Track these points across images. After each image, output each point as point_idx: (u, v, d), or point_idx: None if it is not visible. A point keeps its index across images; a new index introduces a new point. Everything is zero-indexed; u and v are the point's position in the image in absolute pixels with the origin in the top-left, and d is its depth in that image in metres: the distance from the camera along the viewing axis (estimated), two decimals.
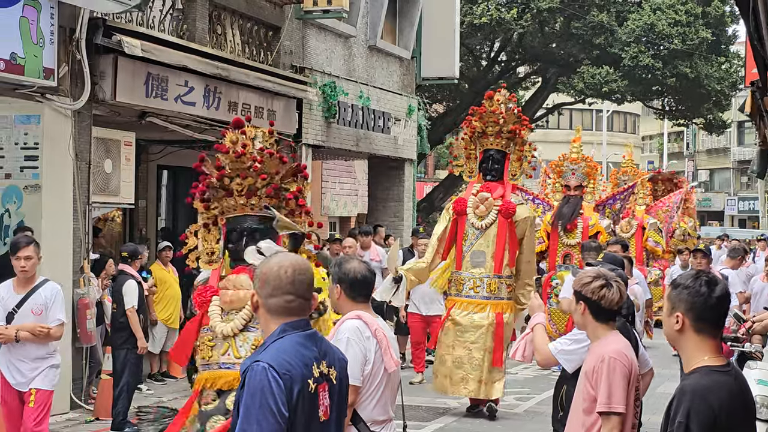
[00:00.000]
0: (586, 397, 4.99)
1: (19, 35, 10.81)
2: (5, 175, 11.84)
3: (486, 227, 11.13)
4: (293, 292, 3.68)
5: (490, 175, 11.40)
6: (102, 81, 12.25)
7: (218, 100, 14.43)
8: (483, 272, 11.11)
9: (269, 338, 3.64)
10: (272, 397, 3.42)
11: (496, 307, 11.05)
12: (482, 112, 11.46)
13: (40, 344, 8.68)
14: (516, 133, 11.43)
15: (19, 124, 11.72)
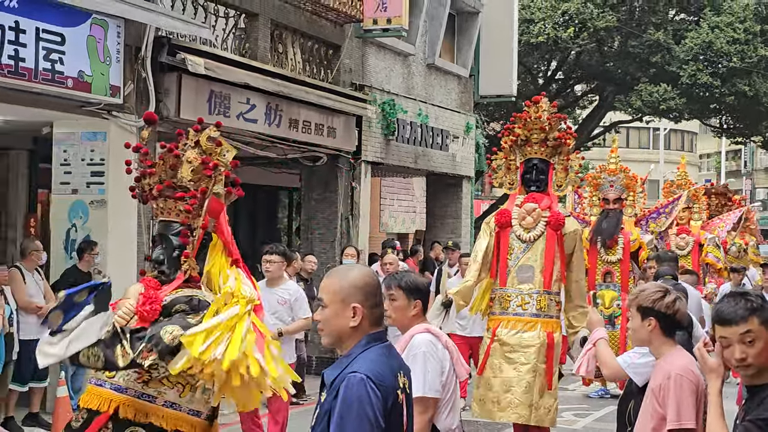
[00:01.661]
0: (654, 415, 4.94)
1: (87, 54, 11.00)
2: (72, 190, 12.04)
3: (534, 240, 10.35)
4: (381, 303, 3.78)
5: (535, 186, 10.58)
6: (166, 98, 12.44)
7: (279, 117, 14.57)
8: (532, 288, 10.30)
9: (356, 349, 3.64)
10: (370, 407, 3.44)
11: (547, 325, 10.26)
12: (526, 119, 10.71)
13: None
14: (562, 141, 10.76)
15: (86, 140, 11.92)
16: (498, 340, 10.26)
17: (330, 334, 3.68)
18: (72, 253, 11.81)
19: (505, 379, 10.10)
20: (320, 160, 16.58)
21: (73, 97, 11.04)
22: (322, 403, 3.64)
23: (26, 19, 10.19)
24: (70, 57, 10.77)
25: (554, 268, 10.32)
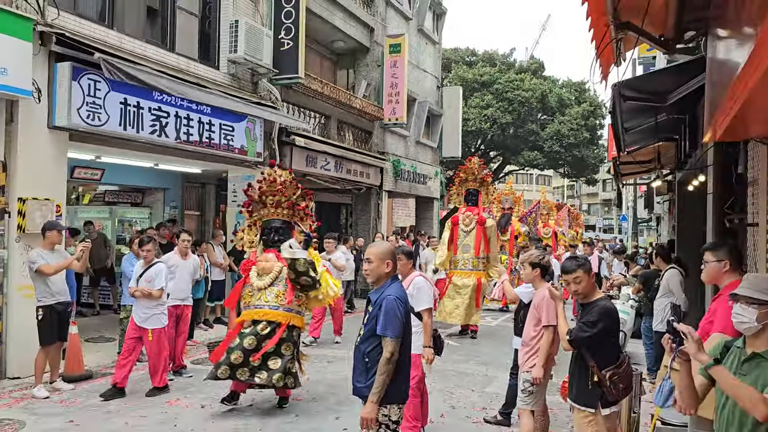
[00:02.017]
0: (533, 319, 4.89)
1: (245, 136, 11.09)
2: (237, 205, 12.03)
3: (470, 231, 10.99)
4: (396, 262, 3.81)
5: (471, 203, 11.26)
6: (284, 158, 12.40)
7: (342, 167, 14.60)
8: (469, 255, 10.95)
9: (386, 283, 3.66)
10: (399, 311, 3.52)
11: (477, 274, 10.84)
12: (465, 169, 11.50)
13: None
14: (484, 179, 11.44)
15: (244, 179, 11.81)
16: (452, 283, 10.95)
17: (373, 277, 3.71)
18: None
19: (454, 302, 10.76)
20: (362, 190, 16.65)
21: (238, 159, 11.11)
22: (370, 312, 3.65)
23: (215, 119, 10.26)
24: (237, 138, 10.84)
25: (480, 245, 10.89)
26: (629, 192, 36.60)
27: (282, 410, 6.35)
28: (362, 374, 3.60)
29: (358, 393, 3.64)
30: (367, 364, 3.57)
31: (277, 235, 6.50)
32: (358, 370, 3.65)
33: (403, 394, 3.63)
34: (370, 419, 3.47)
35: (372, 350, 3.55)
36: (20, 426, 5.65)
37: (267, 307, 6.22)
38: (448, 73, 30.77)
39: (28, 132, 7.46)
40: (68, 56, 7.78)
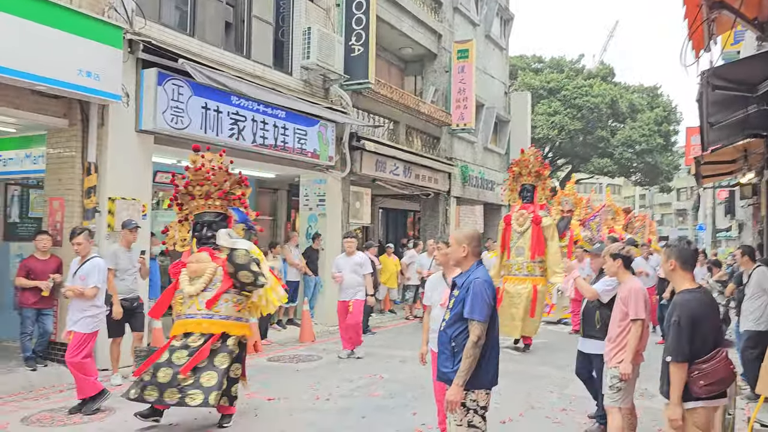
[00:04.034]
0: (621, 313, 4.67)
1: (317, 140, 11.28)
2: (309, 208, 12.30)
3: (524, 231, 9.83)
4: (480, 246, 3.74)
5: (526, 200, 10.11)
6: (354, 163, 12.54)
7: (410, 173, 14.63)
8: (523, 259, 9.79)
9: (473, 267, 3.62)
10: (486, 294, 3.48)
11: (534, 281, 9.68)
12: (519, 162, 10.39)
13: None
14: (540, 173, 10.26)
15: (316, 183, 12.15)
16: (506, 291, 9.76)
17: (454, 260, 3.71)
18: (308, 239, 12.10)
19: (510, 312, 9.62)
20: (430, 196, 16.62)
21: (310, 162, 11.29)
22: (456, 296, 3.60)
23: (289, 123, 10.48)
24: (309, 141, 11.04)
25: (536, 247, 9.75)
26: (707, 199, 35.06)
27: (364, 407, 6.34)
28: (449, 359, 3.55)
29: (445, 378, 3.59)
30: (453, 348, 3.52)
31: (209, 230, 5.64)
32: (443, 355, 3.61)
33: (491, 379, 3.58)
34: (455, 401, 3.43)
35: (459, 334, 3.51)
36: (111, 412, 5.91)
37: (200, 316, 5.37)
38: (514, 81, 30.43)
39: (117, 135, 7.84)
40: (154, 63, 8.14)
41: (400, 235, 18.70)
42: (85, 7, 7.34)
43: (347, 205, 12.71)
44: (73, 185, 7.68)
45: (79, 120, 7.66)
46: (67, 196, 7.70)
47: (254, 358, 8.71)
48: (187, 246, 5.82)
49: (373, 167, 13.18)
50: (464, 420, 3.48)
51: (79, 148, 7.68)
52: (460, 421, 3.48)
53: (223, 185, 5.76)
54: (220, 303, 5.41)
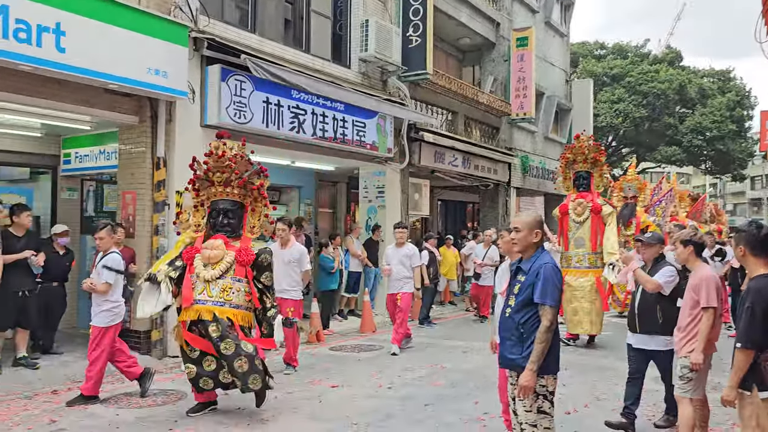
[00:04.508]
0: (691, 301, 4.51)
1: (376, 132, 11.34)
2: (368, 200, 12.40)
3: (583, 221, 9.25)
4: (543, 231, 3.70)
5: (582, 188, 9.52)
6: (413, 154, 12.56)
7: (469, 163, 14.55)
8: (583, 251, 9.21)
9: (537, 253, 3.59)
10: (557, 278, 3.48)
11: (596, 273, 9.13)
12: (572, 148, 9.79)
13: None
14: (596, 159, 9.66)
15: (375, 175, 12.23)
16: (567, 284, 9.06)
17: (521, 246, 3.64)
18: (368, 231, 12.20)
19: (572, 306, 9.15)
20: (489, 186, 16.47)
21: (369, 154, 11.37)
22: (522, 281, 3.56)
23: (348, 115, 10.59)
24: (368, 133, 11.12)
25: (597, 237, 9.22)
26: None
27: (427, 395, 6.39)
28: (516, 345, 3.53)
29: (511, 365, 3.59)
30: (522, 334, 3.50)
31: (225, 217, 5.61)
32: (509, 342, 3.59)
33: (557, 364, 3.57)
34: (530, 387, 3.42)
35: (527, 320, 3.49)
36: (183, 396, 6.15)
37: (210, 303, 5.37)
38: (575, 68, 29.69)
39: (183, 130, 8.13)
40: (217, 59, 8.39)
41: (459, 226, 18.62)
42: (152, 7, 7.63)
43: (406, 197, 12.74)
44: (144, 179, 8.01)
45: (149, 117, 7.98)
46: (139, 189, 8.05)
47: (317, 348, 8.91)
48: (201, 232, 5.75)
49: (432, 158, 13.16)
50: (534, 406, 3.47)
51: (148, 144, 8.00)
52: (530, 407, 3.47)
53: (244, 174, 5.69)
54: (232, 292, 5.44)
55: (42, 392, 6.22)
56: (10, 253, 6.64)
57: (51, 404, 5.84)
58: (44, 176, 9.48)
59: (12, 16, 6.01)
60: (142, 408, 5.78)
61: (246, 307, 5.53)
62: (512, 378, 3.67)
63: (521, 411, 3.51)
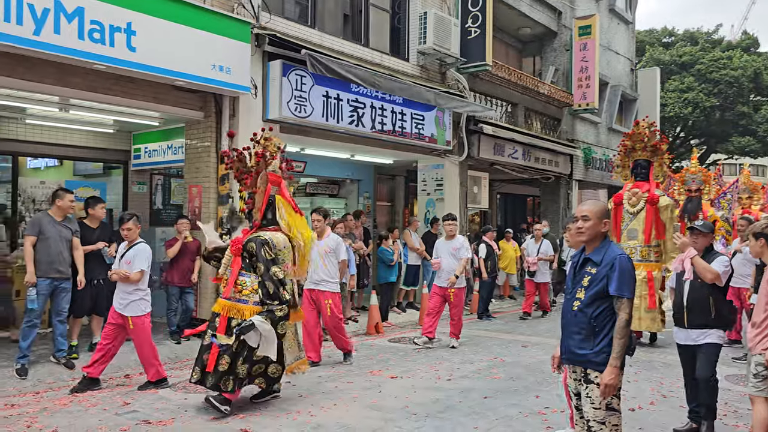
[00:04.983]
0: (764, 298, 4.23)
1: (434, 125, 11.34)
2: (427, 193, 12.41)
3: (637, 212, 8.76)
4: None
5: (639, 177, 9.01)
6: (472, 147, 12.49)
7: (530, 156, 14.34)
8: (636, 243, 8.73)
9: (605, 243, 3.49)
10: (633, 270, 3.37)
11: (647, 267, 8.61)
12: (631, 135, 9.20)
13: None
14: (656, 147, 9.06)
15: (433, 168, 12.25)
16: None
17: (588, 235, 3.50)
18: (427, 224, 12.21)
19: None
20: (550, 179, 16.18)
21: (428, 147, 11.39)
22: (593, 273, 3.43)
23: (406, 108, 10.63)
24: (427, 126, 11.13)
25: (652, 230, 8.70)
26: None
27: (486, 388, 6.37)
28: (587, 340, 3.40)
29: (581, 360, 3.44)
30: (594, 328, 3.38)
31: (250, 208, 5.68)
32: (578, 336, 3.45)
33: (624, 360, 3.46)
34: (614, 385, 3.32)
35: (600, 313, 3.38)
36: None
37: (224, 298, 5.45)
38: (641, 56, 28.72)
39: (246, 125, 8.33)
40: (278, 55, 8.57)
41: (518, 220, 18.37)
42: (216, 5, 7.86)
43: (465, 190, 12.68)
44: (209, 173, 8.28)
45: (213, 112, 8.23)
46: (204, 183, 8.32)
47: (376, 339, 9.01)
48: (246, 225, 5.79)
49: (491, 151, 13.03)
50: (603, 403, 3.38)
51: (213, 139, 8.26)
52: (598, 404, 3.38)
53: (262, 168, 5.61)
54: (242, 286, 5.35)
55: (115, 376, 6.54)
56: (86, 244, 6.97)
57: (124, 387, 6.14)
58: (116, 171, 9.91)
59: (87, 18, 6.31)
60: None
61: (255, 301, 5.31)
62: (576, 373, 3.56)
63: (589, 408, 3.41)
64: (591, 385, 3.41)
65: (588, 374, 3.41)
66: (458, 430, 5.02)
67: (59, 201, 6.65)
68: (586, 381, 3.42)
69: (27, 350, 6.38)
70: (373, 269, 11.90)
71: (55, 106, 7.82)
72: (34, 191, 9.24)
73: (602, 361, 3.36)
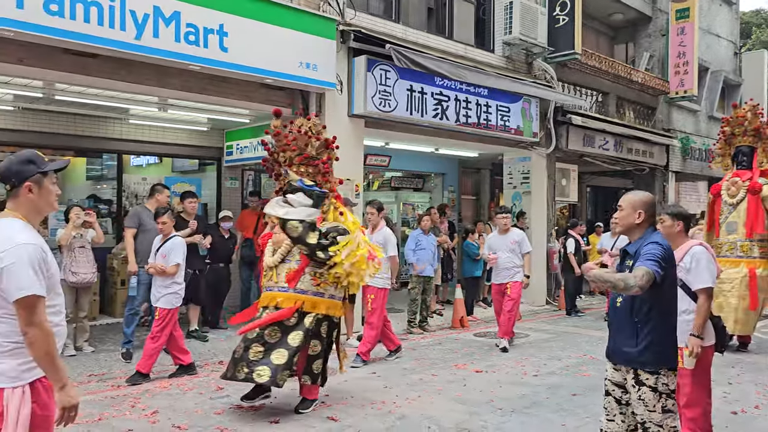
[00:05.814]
0: None
1: (520, 116, 11.12)
2: (513, 187, 12.21)
3: (738, 203, 7.99)
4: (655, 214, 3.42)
5: (741, 165, 8.24)
6: (560, 138, 12.16)
7: (622, 146, 13.77)
8: (736, 237, 7.94)
9: (648, 232, 3.29)
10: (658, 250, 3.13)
11: (750, 263, 7.81)
12: (730, 119, 8.49)
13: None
14: (759, 131, 8.29)
15: (520, 161, 12.01)
16: None
17: (622, 226, 3.34)
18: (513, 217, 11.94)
19: (717, 301, 7.54)
20: (644, 171, 15.46)
21: (514, 139, 11.19)
22: (631, 266, 3.20)
23: (491, 100, 10.45)
24: (512, 118, 10.93)
25: (754, 222, 7.87)
26: None
27: (575, 385, 6.20)
28: (631, 337, 3.21)
29: (626, 359, 3.25)
30: (636, 325, 3.20)
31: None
32: (622, 334, 3.27)
33: (676, 358, 3.27)
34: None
35: (640, 309, 3.19)
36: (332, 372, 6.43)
37: (276, 289, 5.16)
38: (746, 40, 26.87)
39: (332, 121, 8.48)
40: (363, 50, 8.66)
41: (610, 214, 17.66)
42: (303, 4, 8.05)
43: (553, 183, 12.37)
44: None
45: (301, 108, 8.43)
46: None
47: (461, 333, 8.97)
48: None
49: (581, 142, 12.64)
50: (658, 405, 3.17)
51: None
52: (653, 406, 3.17)
53: (305, 150, 5.33)
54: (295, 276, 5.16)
55: (210, 362, 6.86)
56: None
57: (218, 373, 6.42)
58: (210, 167, 10.38)
59: (183, 21, 6.64)
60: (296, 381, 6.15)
61: (315, 291, 5.12)
62: (620, 372, 3.32)
63: (643, 411, 3.20)
64: (643, 387, 3.19)
65: (638, 375, 3.21)
66: (545, 426, 4.93)
67: (158, 195, 7.09)
68: (638, 383, 3.21)
69: (131, 336, 6.82)
70: (458, 263, 11.85)
71: (154, 106, 8.30)
72: (137, 187, 9.84)
73: (647, 360, 3.17)
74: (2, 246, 2.33)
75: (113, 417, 4.99)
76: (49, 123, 8.57)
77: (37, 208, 2.51)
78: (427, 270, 8.95)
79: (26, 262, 2.31)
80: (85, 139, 8.92)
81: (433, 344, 8.14)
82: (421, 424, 4.90)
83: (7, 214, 2.46)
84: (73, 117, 8.73)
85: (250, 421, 4.95)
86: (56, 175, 2.57)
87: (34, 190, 2.48)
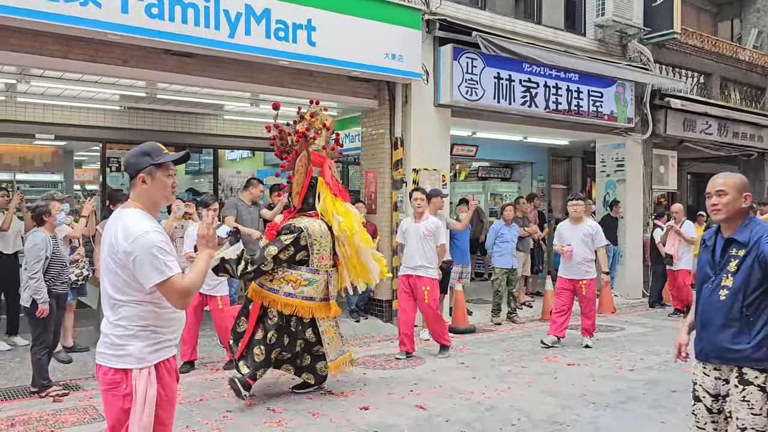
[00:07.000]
0: None
1: (614, 101, 10.68)
2: (606, 175, 11.74)
3: None
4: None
5: None
6: (657, 123, 11.60)
7: (726, 130, 12.94)
8: None
9: (750, 220, 3.03)
10: None
11: None
12: None
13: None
14: None
15: (613, 148, 11.54)
16: None
17: (727, 212, 3.02)
18: (606, 207, 11.58)
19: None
20: (752, 156, 14.46)
21: (607, 125, 10.78)
22: (740, 255, 2.96)
23: (582, 85, 10.12)
24: (605, 103, 10.51)
25: None
26: None
27: (675, 381, 5.94)
28: (742, 333, 2.94)
29: (736, 357, 2.97)
30: (749, 318, 2.93)
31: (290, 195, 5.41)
32: (730, 330, 2.98)
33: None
34: None
35: (753, 300, 2.92)
36: (422, 362, 6.56)
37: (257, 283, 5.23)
38: None
39: (418, 111, 8.51)
40: (449, 39, 8.60)
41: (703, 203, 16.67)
42: None
43: (649, 170, 11.83)
44: (384, 159, 8.58)
45: (387, 100, 8.51)
46: (379, 169, 8.64)
47: None
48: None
49: (680, 127, 11.99)
50: (764, 408, 2.90)
51: (387, 126, 8.54)
52: (758, 409, 2.90)
53: (295, 146, 5.39)
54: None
55: None
56: None
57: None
58: None
59: (273, 18, 6.83)
60: (385, 369, 6.26)
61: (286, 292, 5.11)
62: (720, 372, 3.05)
63: (746, 414, 2.93)
64: (750, 387, 2.92)
65: (744, 374, 2.94)
66: (642, 422, 4.75)
67: (252, 188, 7.37)
68: (743, 382, 2.93)
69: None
70: (549, 254, 11.58)
71: (246, 101, 8.61)
72: (231, 180, 10.28)
73: (763, 356, 2.89)
74: (129, 236, 2.43)
75: (212, 399, 5.25)
76: (152, 121, 9.11)
77: (152, 198, 2.60)
78: (509, 261, 8.81)
79: (153, 249, 2.41)
80: (184, 135, 9.40)
81: (523, 336, 8.01)
82: (510, 416, 4.85)
83: (129, 204, 2.60)
84: (173, 114, 9.23)
85: (340, 407, 5.07)
86: (173, 168, 2.63)
87: (147, 181, 2.57)
